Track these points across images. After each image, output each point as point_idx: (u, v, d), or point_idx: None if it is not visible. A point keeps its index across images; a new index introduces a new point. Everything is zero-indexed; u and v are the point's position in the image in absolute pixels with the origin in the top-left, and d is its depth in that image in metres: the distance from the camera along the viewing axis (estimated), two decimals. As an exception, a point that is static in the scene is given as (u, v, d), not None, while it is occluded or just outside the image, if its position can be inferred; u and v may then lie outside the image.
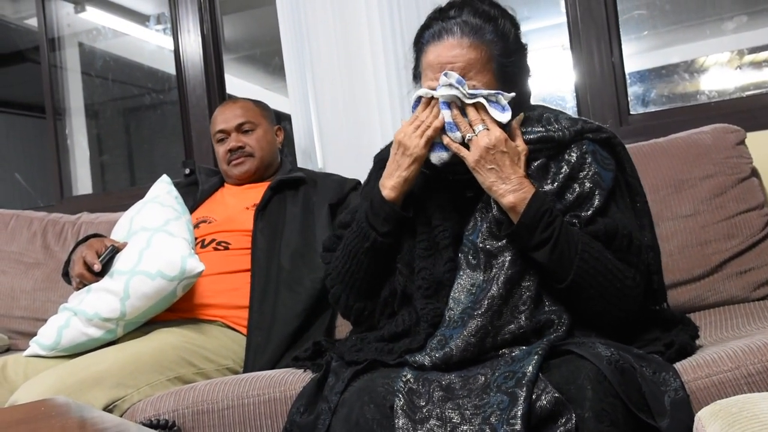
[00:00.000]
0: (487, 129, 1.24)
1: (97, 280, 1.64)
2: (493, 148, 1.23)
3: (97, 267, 1.63)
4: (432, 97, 1.29)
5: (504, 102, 1.27)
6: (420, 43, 1.36)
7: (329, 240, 1.49)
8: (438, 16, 1.34)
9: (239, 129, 2.06)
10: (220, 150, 2.07)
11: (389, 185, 1.33)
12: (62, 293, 2.12)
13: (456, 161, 1.28)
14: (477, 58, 1.28)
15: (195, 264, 1.62)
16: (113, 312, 1.59)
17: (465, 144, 1.26)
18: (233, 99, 2.17)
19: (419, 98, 1.31)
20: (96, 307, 1.59)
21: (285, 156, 2.17)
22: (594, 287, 1.21)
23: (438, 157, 1.30)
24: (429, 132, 1.28)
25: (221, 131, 2.07)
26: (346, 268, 1.37)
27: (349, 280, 1.37)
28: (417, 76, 1.40)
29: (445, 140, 1.28)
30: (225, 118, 2.08)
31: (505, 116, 1.27)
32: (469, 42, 1.29)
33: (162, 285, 1.59)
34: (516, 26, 1.36)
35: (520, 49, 1.36)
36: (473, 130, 1.25)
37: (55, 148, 2.91)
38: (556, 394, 1.02)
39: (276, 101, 2.19)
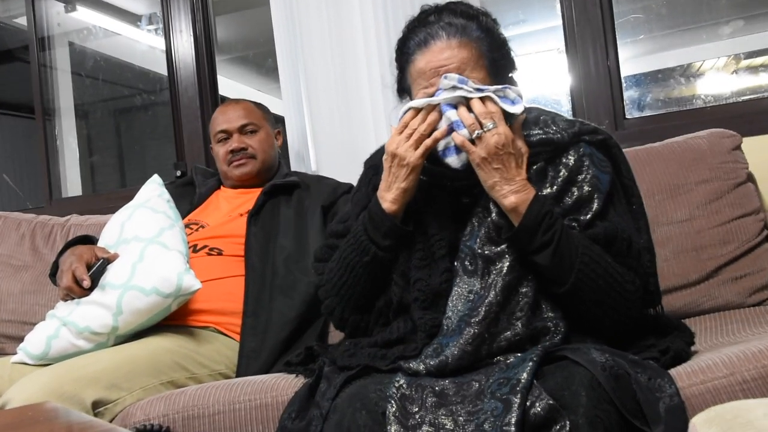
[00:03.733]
0: (496, 126, 1.21)
1: (86, 294, 1.60)
2: (503, 148, 1.21)
3: (86, 283, 1.58)
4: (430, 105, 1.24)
5: (513, 95, 1.24)
6: (405, 54, 1.33)
7: (321, 250, 1.45)
8: (417, 24, 1.32)
9: (242, 130, 2.03)
10: (221, 150, 2.03)
11: (389, 198, 1.29)
12: (50, 297, 2.10)
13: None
14: (469, 56, 1.27)
15: (191, 282, 1.59)
16: (105, 327, 1.56)
17: (471, 140, 1.22)
18: (235, 100, 2.12)
19: (409, 109, 1.26)
20: (87, 320, 1.56)
21: (281, 160, 2.15)
22: (594, 291, 1.20)
23: (456, 160, 1.25)
24: (428, 142, 1.24)
25: (223, 131, 2.03)
26: (343, 281, 1.34)
27: (346, 293, 1.34)
28: (404, 90, 1.37)
29: (453, 134, 1.23)
30: (227, 118, 2.04)
31: (517, 108, 1.23)
32: (458, 42, 1.27)
33: (157, 301, 1.56)
34: (496, 22, 1.34)
35: (505, 43, 1.35)
36: (481, 125, 1.21)
37: (44, 149, 2.88)
38: (550, 401, 1.01)
39: (269, 103, 2.16)
